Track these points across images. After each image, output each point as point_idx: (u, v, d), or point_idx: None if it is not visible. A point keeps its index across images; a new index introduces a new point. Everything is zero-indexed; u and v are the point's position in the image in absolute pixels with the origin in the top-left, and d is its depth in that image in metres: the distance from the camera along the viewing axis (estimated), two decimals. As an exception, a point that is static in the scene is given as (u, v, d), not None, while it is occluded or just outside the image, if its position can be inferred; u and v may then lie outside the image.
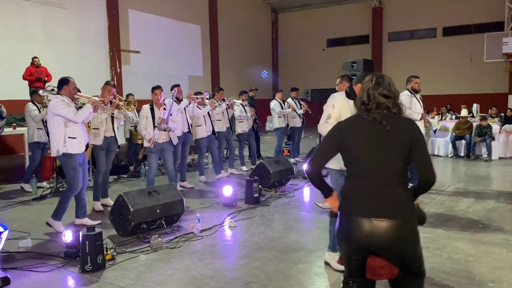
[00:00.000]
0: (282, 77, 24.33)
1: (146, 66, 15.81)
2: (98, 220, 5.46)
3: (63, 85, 5.04)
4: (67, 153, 4.95)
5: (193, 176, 8.24)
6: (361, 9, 21.52)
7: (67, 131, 4.94)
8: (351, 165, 2.40)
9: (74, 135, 4.99)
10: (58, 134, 4.92)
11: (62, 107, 4.89)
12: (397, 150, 2.25)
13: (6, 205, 6.43)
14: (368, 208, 2.23)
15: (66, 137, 4.93)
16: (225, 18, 19.93)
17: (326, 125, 3.71)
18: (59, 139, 4.92)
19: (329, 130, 2.52)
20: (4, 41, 11.44)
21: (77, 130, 5.03)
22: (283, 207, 6.12)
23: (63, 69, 9.78)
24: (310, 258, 4.17)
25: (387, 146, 2.26)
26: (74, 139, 4.99)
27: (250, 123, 9.24)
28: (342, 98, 3.80)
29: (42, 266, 3.99)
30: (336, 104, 3.76)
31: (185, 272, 3.87)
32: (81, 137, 5.08)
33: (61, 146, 4.92)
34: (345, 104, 3.78)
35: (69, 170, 5.07)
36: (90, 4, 13.96)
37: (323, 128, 3.72)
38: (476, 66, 18.51)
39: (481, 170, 9.03)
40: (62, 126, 4.93)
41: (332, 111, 3.74)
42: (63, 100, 4.95)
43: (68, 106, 4.95)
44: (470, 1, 18.76)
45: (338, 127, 2.46)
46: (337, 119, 3.73)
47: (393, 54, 20.88)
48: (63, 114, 4.89)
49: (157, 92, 6.39)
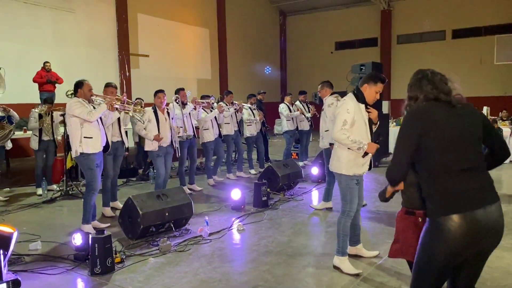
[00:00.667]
0: (291, 80, 24.32)
1: (155, 69, 15.90)
2: (107, 223, 5.49)
3: (78, 88, 5.19)
4: (83, 152, 5.03)
5: (201, 179, 8.26)
6: (370, 11, 21.45)
7: (83, 131, 5.04)
8: (438, 157, 2.18)
9: (90, 134, 5.07)
10: (75, 134, 5.04)
11: (76, 107, 5.00)
12: (477, 134, 2.26)
13: (17, 208, 6.48)
14: (479, 197, 2.17)
15: (82, 137, 5.03)
16: (234, 22, 19.99)
17: (343, 131, 3.67)
18: (76, 139, 5.03)
19: (404, 120, 2.33)
20: (14, 45, 11.57)
21: (93, 129, 5.10)
22: (291, 211, 6.11)
23: (73, 73, 9.87)
24: (319, 262, 4.15)
25: (468, 132, 2.23)
26: (90, 139, 5.06)
27: (258, 126, 9.24)
28: (353, 102, 3.78)
29: (52, 269, 4.02)
30: (350, 109, 3.72)
31: (194, 276, 3.87)
32: (97, 136, 5.13)
33: (77, 146, 5.03)
34: (356, 108, 3.76)
35: (87, 170, 5.17)
36: (99, 8, 14.08)
37: (340, 135, 3.68)
38: (486, 69, 18.35)
39: (492, 174, 8.86)
40: (79, 126, 5.03)
41: (347, 116, 3.70)
42: (78, 101, 5.06)
43: (81, 106, 5.03)
44: (479, 3, 18.61)
45: (415, 115, 2.26)
46: (352, 124, 3.72)
47: (402, 57, 20.76)
48: (76, 114, 4.99)
49: (160, 96, 6.38)
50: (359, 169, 3.82)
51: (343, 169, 3.79)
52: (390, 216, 5.62)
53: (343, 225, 3.89)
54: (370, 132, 3.83)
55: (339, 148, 3.84)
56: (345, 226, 3.90)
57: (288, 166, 7.32)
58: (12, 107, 7.74)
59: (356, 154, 3.75)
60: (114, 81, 12.12)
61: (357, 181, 3.84)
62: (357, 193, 3.88)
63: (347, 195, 3.86)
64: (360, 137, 3.72)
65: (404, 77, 16.83)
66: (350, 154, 3.76)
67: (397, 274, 3.80)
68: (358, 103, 3.77)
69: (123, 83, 14.58)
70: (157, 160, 6.33)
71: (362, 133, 3.75)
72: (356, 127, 3.73)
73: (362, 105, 3.79)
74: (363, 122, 3.77)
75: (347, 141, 3.67)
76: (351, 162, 3.77)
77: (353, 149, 3.70)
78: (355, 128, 3.72)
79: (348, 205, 3.86)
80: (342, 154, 3.81)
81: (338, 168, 3.83)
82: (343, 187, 3.86)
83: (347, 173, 3.78)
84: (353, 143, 3.66)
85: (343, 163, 3.79)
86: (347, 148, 3.75)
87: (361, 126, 3.76)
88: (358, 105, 3.77)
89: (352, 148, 3.70)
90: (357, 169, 3.80)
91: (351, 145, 3.68)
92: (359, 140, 3.68)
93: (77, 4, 13.26)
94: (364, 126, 3.78)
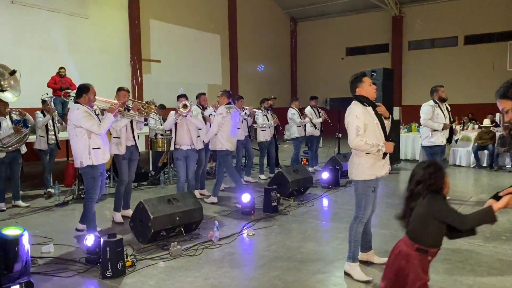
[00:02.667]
0: (301, 85, 24.33)
1: (167, 75, 16.03)
2: (98, 228, 5.38)
3: (83, 93, 4.94)
4: (92, 165, 4.93)
5: (212, 184, 8.26)
6: (381, 17, 21.40)
7: (91, 143, 4.89)
8: None
9: (98, 145, 4.95)
10: (82, 145, 4.87)
11: (85, 120, 4.83)
12: None
13: (30, 211, 6.57)
14: None
15: (91, 149, 4.88)
16: (245, 28, 20.09)
17: (360, 137, 3.68)
18: (82, 150, 4.87)
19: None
20: (29, 51, 11.76)
21: (100, 140, 5.00)
22: (301, 216, 6.09)
23: (86, 78, 9.84)
24: (329, 268, 4.13)
25: None
26: (98, 150, 4.95)
27: (272, 131, 9.26)
28: (360, 107, 3.79)
29: (64, 272, 4.07)
30: (358, 115, 3.73)
31: (204, 280, 3.88)
32: (104, 146, 5.05)
33: (85, 158, 4.87)
34: (365, 112, 3.77)
35: (89, 179, 5.03)
36: (112, 14, 14.27)
37: (358, 142, 3.68)
38: (499, 75, 18.11)
39: (505, 181, 8.82)
40: (86, 137, 4.87)
41: (359, 122, 3.71)
42: (85, 111, 4.88)
43: (90, 118, 4.88)
44: (492, 10, 18.46)
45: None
46: (365, 128, 3.72)
47: (413, 63, 20.66)
48: (87, 127, 4.84)
49: (182, 100, 6.47)
50: (381, 170, 3.82)
51: (366, 174, 3.78)
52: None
53: (355, 231, 3.88)
54: (384, 131, 3.82)
55: (357, 155, 3.83)
56: (357, 233, 3.89)
57: (298, 172, 7.31)
58: (26, 111, 7.85)
59: (375, 157, 3.75)
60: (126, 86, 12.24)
61: (373, 189, 3.83)
62: (371, 201, 3.87)
63: (362, 202, 3.85)
64: (376, 139, 3.72)
65: (415, 83, 17.03)
66: (369, 159, 3.76)
67: (408, 282, 3.77)
68: (365, 106, 3.79)
69: (135, 88, 14.72)
70: (178, 163, 6.43)
71: (377, 135, 3.76)
72: (369, 131, 3.73)
73: (369, 107, 3.80)
74: (375, 124, 3.77)
75: (366, 147, 3.67)
76: (372, 166, 3.77)
77: (372, 152, 3.69)
78: (369, 131, 3.73)
79: (361, 211, 3.85)
80: (361, 161, 3.80)
81: (360, 175, 3.81)
82: (359, 193, 3.85)
83: (370, 178, 3.77)
84: (371, 147, 3.67)
85: (365, 168, 3.77)
86: (365, 154, 3.74)
87: (374, 128, 3.76)
88: (365, 108, 3.78)
89: (371, 152, 3.69)
90: (379, 170, 3.80)
91: (370, 149, 3.68)
92: (376, 143, 3.68)
93: (91, 10, 13.47)
94: (377, 128, 3.78)
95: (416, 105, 8.27)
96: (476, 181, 9.10)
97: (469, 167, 10.62)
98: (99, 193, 5.20)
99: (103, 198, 7.06)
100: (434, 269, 4.03)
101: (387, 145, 3.73)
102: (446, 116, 6.68)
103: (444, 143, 6.69)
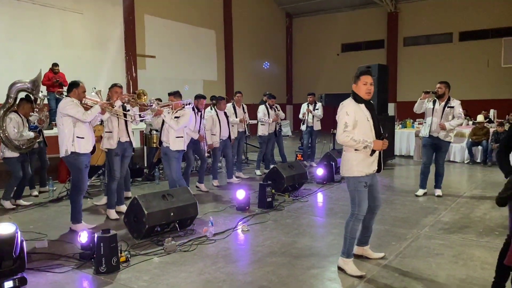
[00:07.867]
0: (296, 81, 24.34)
1: (161, 70, 15.98)
2: (93, 224, 5.45)
3: (73, 88, 5.23)
4: (75, 152, 5.09)
5: (207, 180, 8.27)
6: (376, 14, 21.42)
7: (76, 131, 5.11)
8: None
9: (82, 135, 5.15)
10: (67, 133, 5.08)
11: (71, 107, 5.06)
12: None
13: (23, 207, 6.54)
14: None
15: (75, 137, 5.10)
16: (240, 23, 20.04)
17: (346, 133, 3.71)
18: (68, 138, 5.09)
19: None
20: (24, 46, 11.68)
21: (85, 130, 5.19)
22: (296, 212, 6.11)
23: (80, 74, 9.91)
24: (323, 263, 4.15)
25: None
26: (82, 139, 5.14)
27: (272, 127, 9.23)
28: (352, 104, 3.80)
29: (58, 267, 4.06)
30: (349, 111, 3.75)
31: (198, 276, 3.89)
32: (88, 137, 5.23)
33: (69, 145, 5.09)
34: (356, 109, 3.78)
35: (75, 170, 5.20)
36: (107, 9, 14.18)
37: (344, 138, 3.71)
38: (494, 71, 18.25)
39: (498, 177, 8.85)
40: (71, 126, 5.10)
41: (348, 119, 3.73)
42: (72, 101, 5.12)
43: (76, 106, 5.11)
44: (487, 6, 18.52)
45: None
46: (354, 125, 3.73)
47: (408, 59, 20.71)
48: (72, 114, 5.05)
49: (170, 98, 6.56)
50: (369, 168, 3.82)
51: (355, 171, 3.80)
52: (395, 219, 5.62)
53: (351, 228, 3.88)
54: (377, 129, 3.83)
55: (347, 151, 3.87)
56: (353, 229, 3.89)
57: (293, 168, 7.33)
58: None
59: (365, 154, 3.77)
60: (121, 82, 12.21)
61: (365, 184, 3.84)
62: (365, 196, 3.87)
63: (356, 198, 3.86)
64: (365, 136, 3.73)
65: (410, 79, 17.03)
66: (358, 155, 3.78)
67: (401, 276, 3.79)
68: (357, 103, 3.80)
69: (130, 84, 14.66)
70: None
71: (367, 132, 3.77)
72: (360, 128, 3.74)
73: (362, 104, 3.82)
74: (366, 121, 3.78)
75: (352, 142, 3.70)
76: (361, 163, 3.79)
77: (359, 148, 3.72)
78: (359, 128, 3.74)
79: (356, 208, 3.86)
80: (350, 157, 3.82)
81: (349, 171, 3.83)
82: (352, 190, 3.87)
83: (359, 174, 3.78)
84: (357, 143, 3.69)
85: (354, 164, 3.79)
86: (354, 150, 3.76)
87: (364, 125, 3.77)
88: (357, 105, 3.80)
89: (358, 148, 3.72)
90: (367, 168, 3.81)
91: (356, 145, 3.70)
92: (363, 139, 3.70)
93: (85, 5, 13.38)
94: (368, 125, 3.79)
95: (411, 101, 8.29)
96: (470, 176, 9.16)
97: (463, 163, 10.69)
98: (86, 186, 5.32)
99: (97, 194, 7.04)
100: (427, 264, 4.07)
101: (375, 142, 3.74)
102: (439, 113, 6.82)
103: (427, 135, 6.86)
